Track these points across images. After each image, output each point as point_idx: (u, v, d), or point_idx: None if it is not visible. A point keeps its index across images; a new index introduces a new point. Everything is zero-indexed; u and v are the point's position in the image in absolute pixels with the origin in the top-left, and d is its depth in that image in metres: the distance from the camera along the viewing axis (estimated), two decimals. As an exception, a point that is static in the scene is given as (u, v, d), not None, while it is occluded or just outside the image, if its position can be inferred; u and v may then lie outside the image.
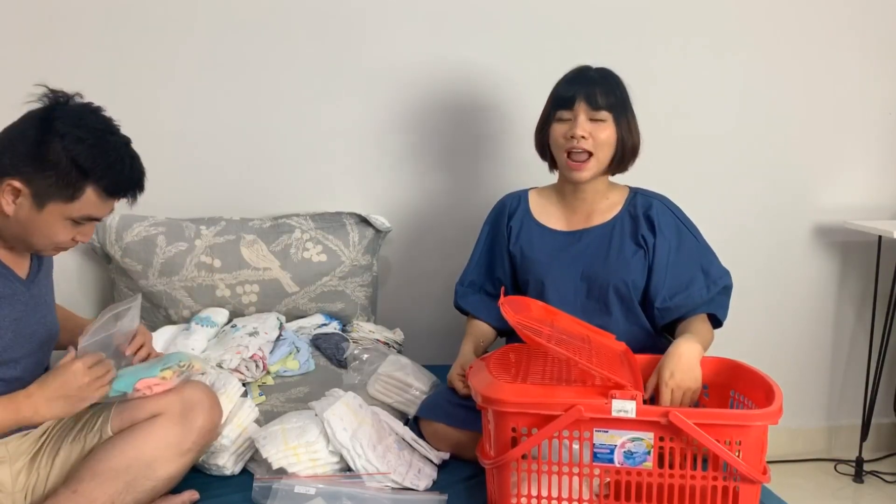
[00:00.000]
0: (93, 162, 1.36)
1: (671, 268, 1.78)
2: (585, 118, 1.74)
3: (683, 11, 2.39)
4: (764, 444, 1.33)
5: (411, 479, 1.57)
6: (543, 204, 1.91)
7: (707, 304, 1.79)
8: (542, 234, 1.88)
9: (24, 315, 1.46)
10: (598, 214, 1.85)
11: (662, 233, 1.79)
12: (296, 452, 1.55)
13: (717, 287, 1.79)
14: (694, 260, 1.80)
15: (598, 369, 1.35)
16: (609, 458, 1.34)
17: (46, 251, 1.46)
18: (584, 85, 1.76)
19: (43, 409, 1.35)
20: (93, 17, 2.18)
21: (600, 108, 1.74)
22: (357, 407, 1.66)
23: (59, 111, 1.37)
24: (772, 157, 2.51)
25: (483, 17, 2.31)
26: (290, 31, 2.26)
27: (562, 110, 1.77)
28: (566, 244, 1.85)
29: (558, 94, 1.79)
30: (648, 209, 1.81)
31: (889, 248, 2.54)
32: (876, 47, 2.49)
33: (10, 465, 1.47)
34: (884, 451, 2.70)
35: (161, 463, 1.44)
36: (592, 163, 1.76)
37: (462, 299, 1.99)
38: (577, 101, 1.74)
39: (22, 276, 1.47)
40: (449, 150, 2.38)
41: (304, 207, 2.29)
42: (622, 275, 1.78)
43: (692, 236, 1.83)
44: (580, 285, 1.82)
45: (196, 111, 2.26)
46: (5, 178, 1.36)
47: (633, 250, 1.80)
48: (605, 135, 1.75)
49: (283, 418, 1.66)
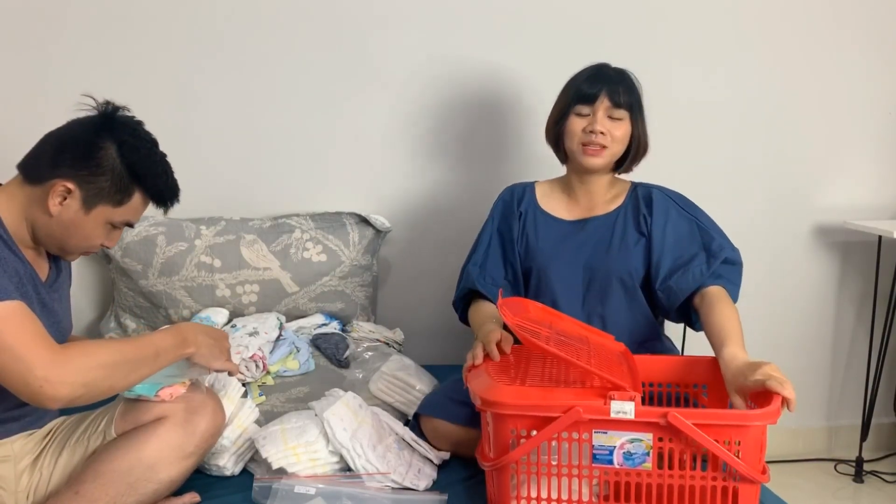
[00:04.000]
0: (146, 170, 1.45)
1: (669, 249, 1.79)
2: (604, 115, 1.78)
3: (684, 11, 2.39)
4: (763, 443, 1.33)
5: (411, 478, 1.57)
6: (549, 194, 1.95)
7: (715, 276, 1.75)
8: (547, 222, 1.90)
9: (39, 318, 1.44)
10: (601, 206, 1.88)
11: (659, 216, 1.82)
12: (295, 452, 1.56)
13: (717, 260, 1.76)
14: (694, 240, 1.81)
15: (596, 370, 1.35)
16: (608, 459, 1.34)
17: (75, 254, 1.51)
18: (606, 82, 1.79)
19: (199, 337, 1.49)
20: (94, 16, 2.18)
21: (620, 107, 1.78)
22: (357, 407, 1.67)
23: (118, 120, 1.46)
24: (772, 157, 2.51)
25: (483, 18, 2.31)
26: (290, 32, 2.26)
27: (582, 105, 1.80)
28: (570, 233, 1.88)
29: (579, 90, 1.81)
30: (648, 197, 1.86)
31: (889, 248, 2.54)
32: (876, 47, 2.49)
33: (15, 464, 1.47)
34: (884, 451, 2.70)
35: (163, 466, 1.44)
36: (606, 153, 1.80)
37: (480, 281, 1.90)
38: (600, 98, 1.77)
39: (42, 279, 1.48)
40: (449, 150, 2.38)
41: (304, 207, 2.29)
42: (625, 265, 1.81)
43: (692, 217, 1.84)
44: (583, 274, 1.84)
45: (196, 111, 2.26)
46: (58, 179, 1.39)
47: (636, 239, 1.82)
48: (622, 132, 1.79)
49: (283, 418, 1.66)
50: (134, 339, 1.55)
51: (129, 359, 1.37)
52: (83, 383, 1.29)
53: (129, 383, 1.40)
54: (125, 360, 1.37)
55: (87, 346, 1.35)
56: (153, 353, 1.41)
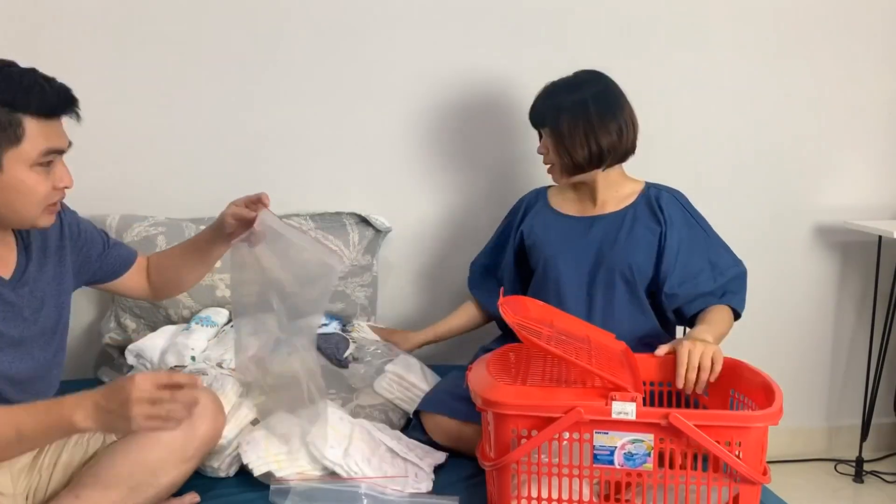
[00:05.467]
0: (7, 92, 1.28)
1: (680, 257, 1.83)
2: (544, 135, 1.89)
3: (684, 11, 2.39)
4: (764, 444, 1.33)
5: (412, 484, 1.57)
6: (560, 194, 2.01)
7: (718, 295, 1.82)
8: (557, 218, 1.96)
9: (2, 320, 1.37)
10: (611, 204, 1.91)
11: (672, 223, 1.84)
12: (277, 459, 1.54)
13: (724, 277, 1.83)
14: (702, 252, 1.85)
15: (597, 371, 1.35)
16: (609, 459, 1.34)
17: (39, 216, 1.37)
18: (534, 105, 1.90)
19: (88, 419, 1.23)
20: (96, 17, 2.17)
21: (537, 126, 1.92)
22: (337, 420, 1.64)
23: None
24: (772, 157, 2.51)
25: (485, 19, 2.31)
26: (291, 32, 2.26)
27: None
28: (578, 229, 1.91)
29: None
30: (659, 199, 1.88)
31: (889, 248, 2.54)
32: (877, 47, 2.49)
33: (10, 467, 1.45)
34: (884, 451, 2.70)
35: (164, 469, 1.43)
36: (555, 169, 1.90)
37: (471, 284, 2.15)
38: (534, 123, 1.93)
39: (5, 277, 1.40)
40: (449, 151, 2.38)
41: (304, 207, 2.29)
42: (628, 258, 1.83)
43: (701, 229, 1.88)
44: (589, 269, 1.87)
45: (196, 111, 2.26)
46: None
47: (644, 236, 1.85)
48: (550, 147, 1.87)
49: (270, 422, 1.63)
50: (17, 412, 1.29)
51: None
52: None
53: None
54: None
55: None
56: (14, 436, 1.25)
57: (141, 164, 2.25)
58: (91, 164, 1.81)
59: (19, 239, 1.46)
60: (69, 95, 1.35)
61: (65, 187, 1.38)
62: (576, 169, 1.85)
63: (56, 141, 1.35)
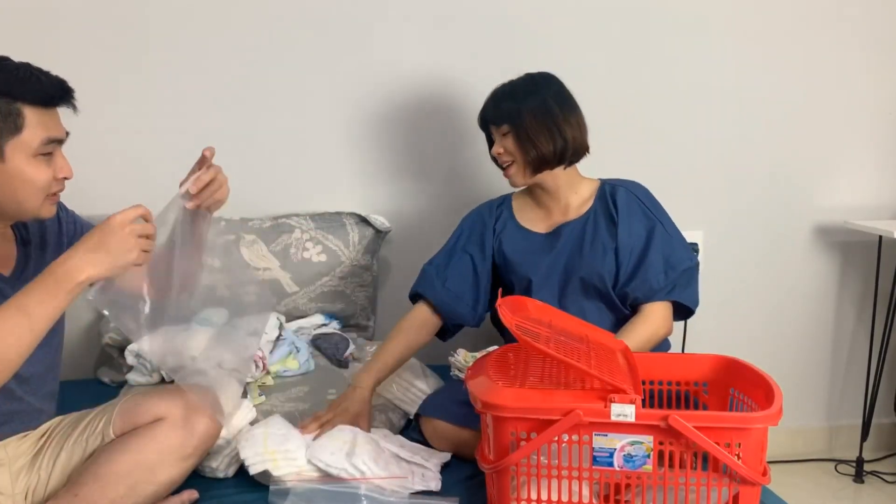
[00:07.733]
0: (5, 83, 1.31)
1: (633, 253, 1.82)
2: (498, 135, 1.85)
3: (683, 10, 2.39)
4: (764, 445, 1.33)
5: (418, 484, 1.57)
6: (523, 207, 1.98)
7: (667, 291, 1.81)
8: (525, 236, 1.94)
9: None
10: (573, 209, 1.90)
11: (624, 218, 1.84)
12: (274, 458, 1.54)
13: (675, 272, 1.81)
14: (657, 247, 1.83)
15: (596, 373, 1.35)
16: (608, 461, 1.34)
17: (41, 206, 1.38)
18: (488, 105, 1.87)
19: (81, 262, 1.28)
20: (92, 18, 2.17)
21: (496, 123, 1.85)
22: (337, 428, 1.64)
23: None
24: (772, 156, 2.51)
25: (484, 19, 2.31)
26: (290, 32, 2.26)
27: (486, 133, 1.91)
28: (545, 244, 1.90)
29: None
30: (615, 196, 1.87)
31: (889, 248, 2.53)
32: (877, 47, 2.49)
33: (10, 466, 1.46)
34: (884, 451, 2.70)
35: (163, 467, 1.43)
36: (515, 167, 1.85)
37: (424, 284, 1.96)
38: (488, 124, 1.88)
39: (5, 273, 1.41)
40: (449, 151, 2.38)
41: (304, 207, 2.29)
42: (595, 268, 1.83)
43: (658, 222, 1.85)
44: (559, 280, 1.87)
45: (196, 111, 2.26)
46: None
47: (606, 242, 1.84)
48: (511, 144, 1.83)
49: (269, 421, 1.64)
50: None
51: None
52: None
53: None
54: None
55: None
56: (26, 320, 1.26)
57: (140, 164, 2.25)
58: (89, 163, 1.80)
59: (18, 236, 1.46)
60: (65, 86, 1.38)
61: (65, 178, 1.41)
62: (541, 163, 1.82)
63: (55, 130, 1.37)
